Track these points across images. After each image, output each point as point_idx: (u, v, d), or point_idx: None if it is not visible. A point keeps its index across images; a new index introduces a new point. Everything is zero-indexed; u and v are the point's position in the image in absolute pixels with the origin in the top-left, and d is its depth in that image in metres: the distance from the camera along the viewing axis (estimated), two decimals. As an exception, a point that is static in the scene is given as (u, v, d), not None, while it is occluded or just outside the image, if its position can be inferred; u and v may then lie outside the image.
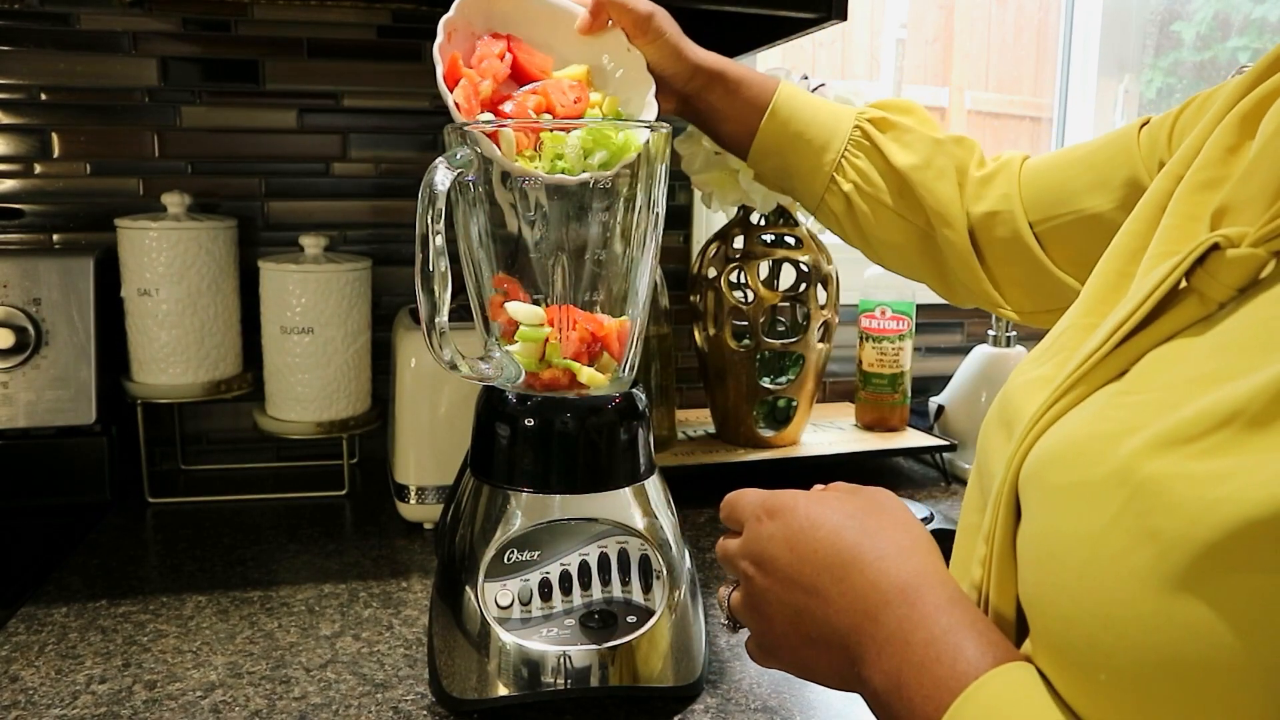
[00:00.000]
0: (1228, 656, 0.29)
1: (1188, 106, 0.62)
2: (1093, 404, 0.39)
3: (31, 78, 1.05)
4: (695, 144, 1.05)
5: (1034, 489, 0.39)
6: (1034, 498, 0.39)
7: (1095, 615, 0.33)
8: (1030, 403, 0.42)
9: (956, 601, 0.41)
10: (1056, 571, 0.35)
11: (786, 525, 0.48)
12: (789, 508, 0.49)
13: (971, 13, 1.95)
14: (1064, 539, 0.35)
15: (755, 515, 0.50)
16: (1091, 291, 0.47)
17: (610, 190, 0.63)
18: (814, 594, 0.45)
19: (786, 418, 1.12)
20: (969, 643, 0.39)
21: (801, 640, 0.46)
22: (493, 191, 0.63)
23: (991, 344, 1.22)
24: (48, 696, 0.65)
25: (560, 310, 0.63)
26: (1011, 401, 0.45)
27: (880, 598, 0.42)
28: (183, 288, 0.99)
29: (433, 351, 0.58)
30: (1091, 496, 0.34)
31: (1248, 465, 0.30)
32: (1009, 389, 0.47)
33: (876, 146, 0.76)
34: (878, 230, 0.78)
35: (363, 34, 1.12)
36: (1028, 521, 0.39)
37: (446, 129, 0.63)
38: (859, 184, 0.76)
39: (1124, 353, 0.39)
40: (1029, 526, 0.39)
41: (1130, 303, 0.39)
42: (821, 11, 0.89)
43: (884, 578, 0.43)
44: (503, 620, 0.61)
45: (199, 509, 1.01)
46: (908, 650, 0.40)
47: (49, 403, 0.99)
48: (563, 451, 0.64)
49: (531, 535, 0.63)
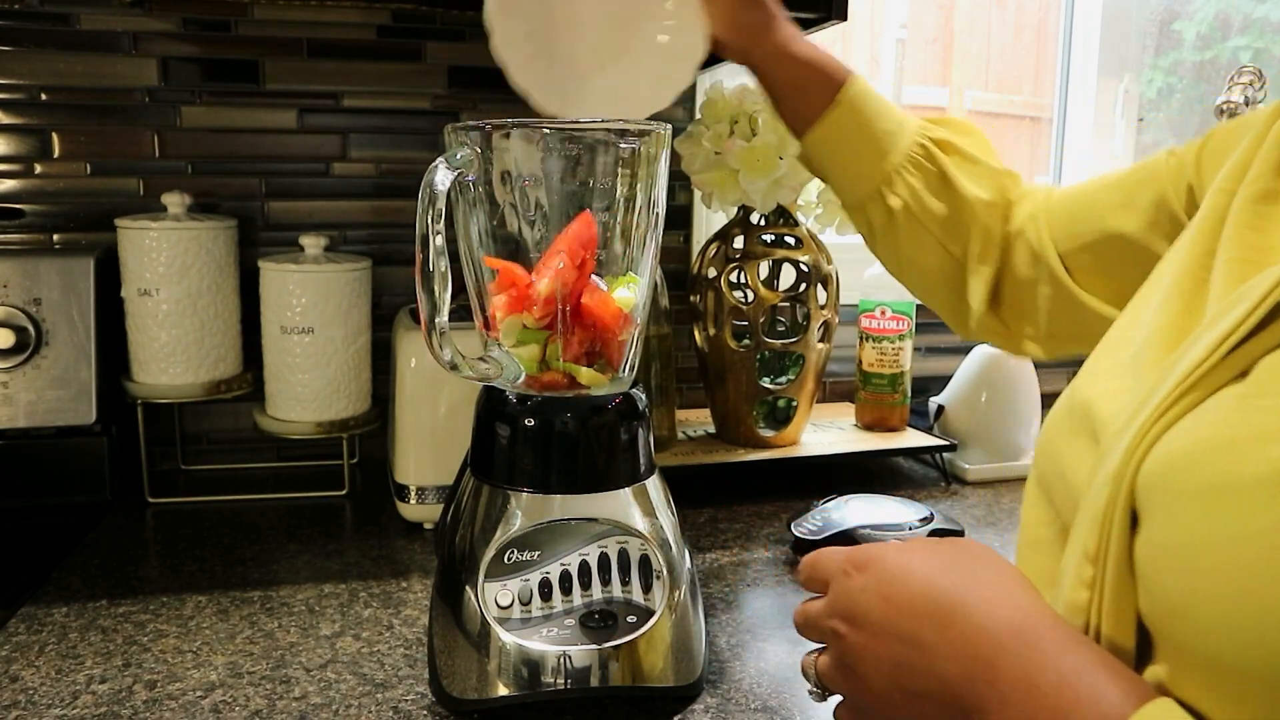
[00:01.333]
0: None
1: (1212, 137, 0.63)
2: (1213, 409, 0.38)
3: (31, 78, 1.05)
4: (695, 144, 1.05)
5: (1162, 496, 0.37)
6: (1162, 505, 0.37)
7: (1261, 620, 0.32)
8: (1118, 411, 0.41)
9: (1077, 640, 0.39)
10: (1210, 579, 0.34)
11: (878, 577, 0.45)
12: (877, 558, 0.46)
13: (971, 13, 1.95)
14: (1217, 545, 0.34)
15: (842, 570, 0.48)
16: (1167, 303, 0.46)
17: (610, 190, 0.63)
18: (915, 645, 0.42)
19: (786, 418, 1.12)
20: (1107, 684, 0.36)
21: (904, 698, 0.43)
22: (493, 191, 0.63)
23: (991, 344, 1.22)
24: (48, 696, 0.65)
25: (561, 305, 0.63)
26: (1092, 410, 0.44)
27: (993, 642, 0.40)
28: (183, 288, 0.99)
29: (433, 351, 0.58)
30: (1246, 498, 0.33)
31: None
32: (1084, 398, 0.46)
33: (941, 170, 0.74)
34: (913, 251, 0.76)
35: (363, 34, 1.12)
36: (1155, 531, 0.37)
37: (447, 128, 0.63)
38: (908, 202, 0.74)
39: (1237, 358, 0.38)
40: (1159, 536, 0.37)
41: (1241, 308, 0.38)
42: (821, 11, 0.89)
43: (992, 620, 0.40)
44: (503, 620, 0.61)
45: (199, 509, 1.01)
46: (1037, 695, 0.37)
47: (49, 403, 0.99)
48: (563, 452, 0.64)
49: (531, 535, 0.63)
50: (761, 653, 0.73)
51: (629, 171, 0.63)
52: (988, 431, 1.19)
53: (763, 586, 0.85)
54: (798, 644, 0.75)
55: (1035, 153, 1.79)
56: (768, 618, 0.79)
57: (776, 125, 1.01)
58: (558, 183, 0.63)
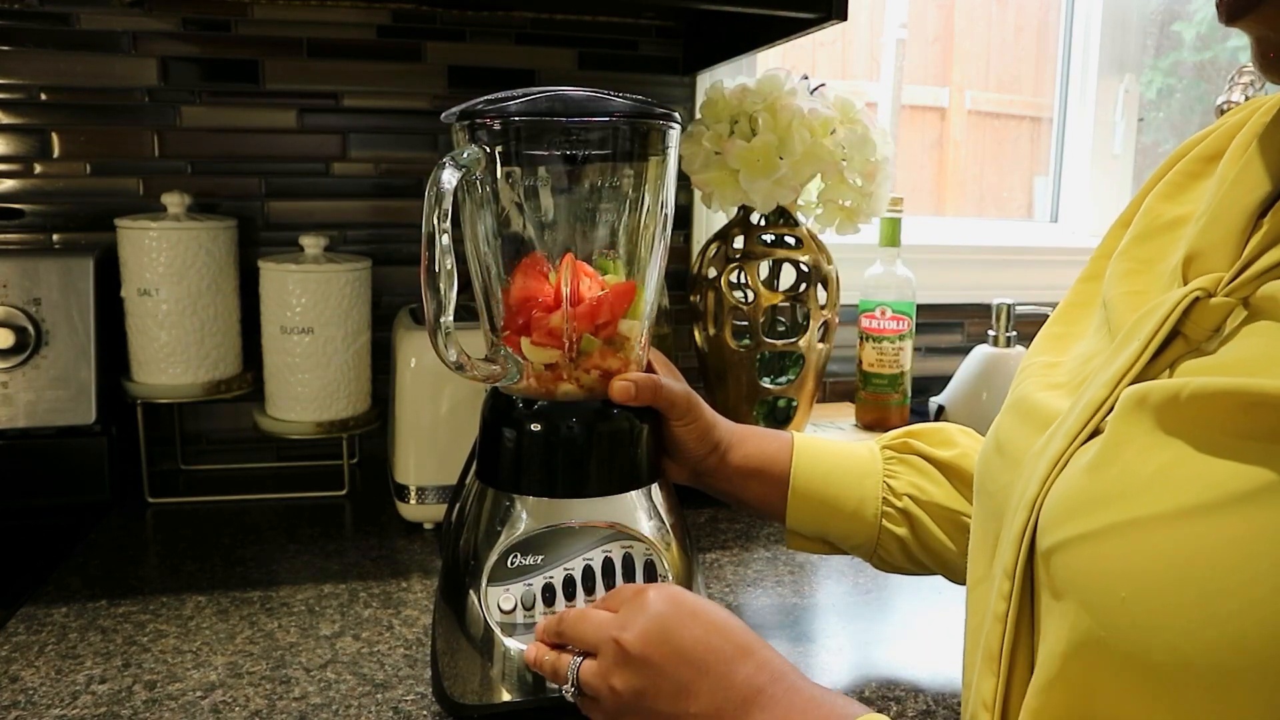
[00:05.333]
0: None
1: None
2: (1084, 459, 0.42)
3: (31, 78, 1.05)
4: (695, 144, 1.05)
5: (1066, 530, 0.41)
6: (1072, 539, 0.40)
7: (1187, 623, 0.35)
8: None
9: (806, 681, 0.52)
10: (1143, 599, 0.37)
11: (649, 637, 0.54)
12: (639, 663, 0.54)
13: (971, 13, 1.95)
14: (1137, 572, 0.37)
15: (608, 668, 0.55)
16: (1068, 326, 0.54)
17: (618, 191, 0.63)
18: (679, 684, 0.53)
19: (786, 418, 1.12)
20: (843, 703, 0.50)
21: None
22: (499, 191, 0.63)
23: (991, 344, 1.22)
24: (48, 696, 0.65)
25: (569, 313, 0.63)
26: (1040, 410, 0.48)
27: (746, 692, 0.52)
28: (183, 288, 0.99)
29: (438, 351, 0.58)
30: (1153, 530, 0.37)
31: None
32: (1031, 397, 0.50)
33: (913, 520, 0.70)
34: (942, 538, 0.70)
35: (363, 34, 1.12)
36: (1076, 558, 0.40)
37: (453, 127, 0.63)
38: (906, 540, 0.70)
39: None
40: (1081, 563, 0.40)
41: (1132, 346, 0.43)
42: (821, 11, 0.89)
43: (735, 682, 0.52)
44: (506, 625, 0.61)
45: (199, 509, 1.01)
46: None
47: (49, 403, 0.99)
48: (568, 456, 0.64)
49: (535, 539, 0.62)
50: (763, 654, 0.73)
51: (631, 172, 0.63)
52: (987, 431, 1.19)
53: (763, 586, 0.85)
54: (798, 644, 0.75)
55: (1035, 153, 1.80)
56: (768, 618, 0.79)
57: (776, 125, 1.02)
58: (565, 182, 0.63)
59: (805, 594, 0.84)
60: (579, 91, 0.61)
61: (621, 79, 1.20)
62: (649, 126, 0.63)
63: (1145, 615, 0.36)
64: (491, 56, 1.15)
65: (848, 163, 1.05)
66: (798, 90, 1.03)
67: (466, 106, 0.61)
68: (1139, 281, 0.48)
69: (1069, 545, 0.40)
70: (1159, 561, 0.36)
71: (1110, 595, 0.37)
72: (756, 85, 1.04)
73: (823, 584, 0.87)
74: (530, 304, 0.63)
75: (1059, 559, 0.41)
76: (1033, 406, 0.49)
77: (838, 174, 1.04)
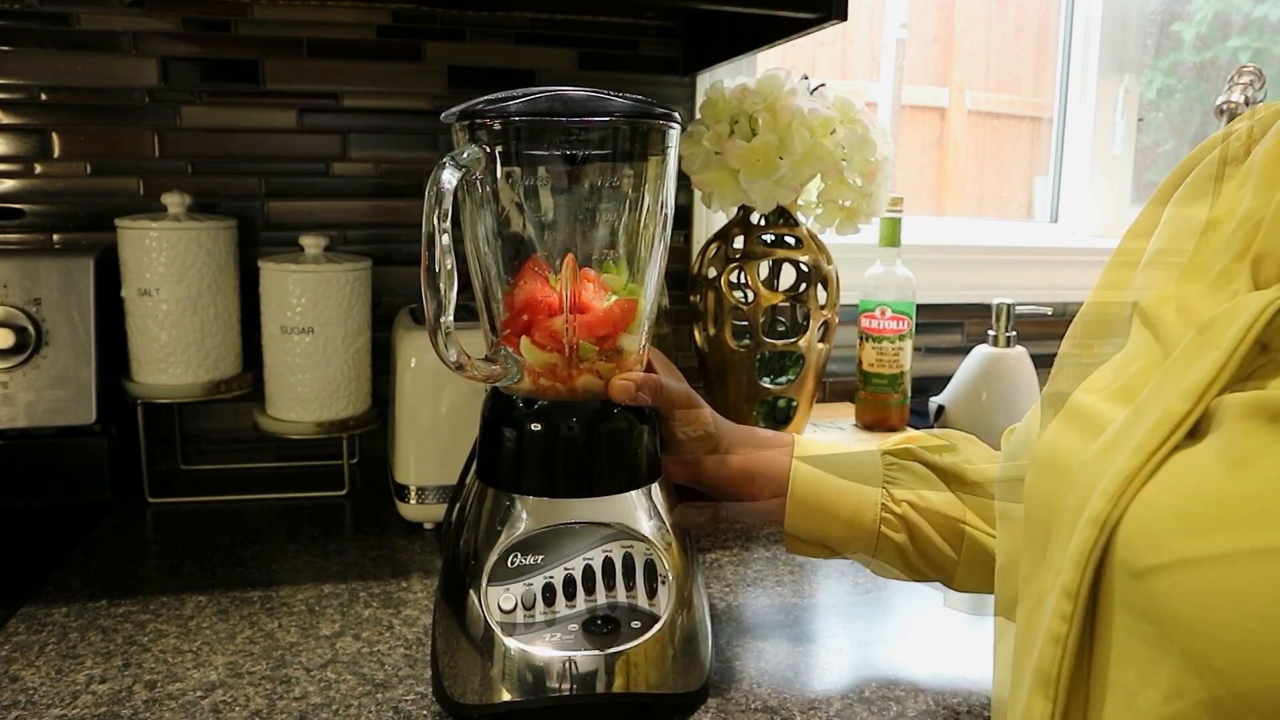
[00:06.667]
0: None
1: None
2: (1193, 468, 0.39)
3: (31, 78, 1.05)
4: (695, 144, 1.05)
5: (1158, 551, 0.38)
6: (1164, 561, 0.38)
7: None
8: None
9: None
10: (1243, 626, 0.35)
11: None
12: None
13: (971, 13, 1.95)
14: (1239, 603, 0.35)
15: None
16: None
17: (618, 191, 0.63)
18: None
19: (786, 418, 1.12)
20: None
21: None
22: (499, 191, 0.63)
23: (991, 344, 1.22)
24: (48, 696, 0.65)
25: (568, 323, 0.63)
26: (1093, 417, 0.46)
27: None
28: (183, 288, 0.99)
29: (438, 351, 0.58)
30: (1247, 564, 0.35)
31: None
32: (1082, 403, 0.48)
33: (911, 526, 0.68)
34: (941, 548, 0.69)
35: (363, 34, 1.12)
36: (1167, 581, 0.38)
37: (453, 127, 0.63)
38: (904, 548, 0.69)
39: None
40: (1173, 586, 0.38)
41: (1212, 359, 0.40)
42: (821, 11, 0.89)
43: None
44: (506, 625, 0.61)
45: (199, 509, 1.01)
46: None
47: (49, 403, 0.99)
48: (568, 455, 0.64)
49: (536, 539, 0.62)
50: (761, 653, 0.73)
51: (631, 172, 0.63)
52: (988, 431, 1.19)
53: (763, 586, 0.85)
54: (798, 644, 0.75)
55: (1035, 153, 1.80)
56: (768, 618, 0.79)
57: (776, 125, 1.02)
58: (565, 182, 0.63)
59: (805, 594, 0.84)
60: (579, 91, 0.61)
61: (621, 79, 1.20)
62: (649, 126, 0.63)
63: None
64: (491, 56, 1.15)
65: (848, 163, 1.05)
66: (798, 90, 1.03)
67: (466, 106, 0.61)
68: (1182, 288, 0.46)
69: (1181, 568, 0.37)
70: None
71: (1238, 630, 0.34)
72: (756, 85, 1.04)
73: (823, 584, 0.87)
74: (531, 306, 0.63)
75: (1164, 582, 0.37)
76: (1080, 411, 0.47)
77: (838, 174, 1.04)
